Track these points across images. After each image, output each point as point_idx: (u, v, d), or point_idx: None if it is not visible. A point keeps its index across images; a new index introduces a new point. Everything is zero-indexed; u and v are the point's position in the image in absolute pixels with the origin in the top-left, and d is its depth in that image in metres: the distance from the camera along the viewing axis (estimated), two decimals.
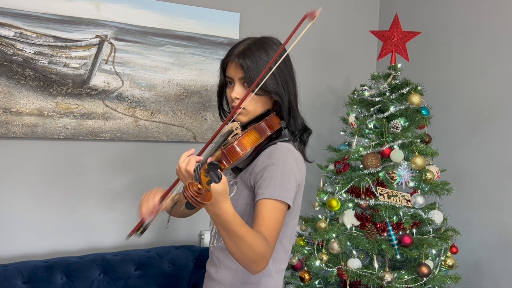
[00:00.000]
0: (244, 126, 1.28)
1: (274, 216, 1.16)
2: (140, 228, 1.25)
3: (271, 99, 1.30)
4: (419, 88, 2.17)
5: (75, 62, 2.18)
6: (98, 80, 2.23)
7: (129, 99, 2.30)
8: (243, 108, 1.26)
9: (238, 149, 1.16)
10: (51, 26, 2.11)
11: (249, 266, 1.10)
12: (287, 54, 1.29)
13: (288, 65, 1.31)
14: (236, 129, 1.25)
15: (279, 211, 1.18)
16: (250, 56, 1.24)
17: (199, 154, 1.21)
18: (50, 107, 2.14)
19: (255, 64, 1.24)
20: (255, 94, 1.24)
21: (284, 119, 1.30)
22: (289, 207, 1.21)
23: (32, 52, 2.09)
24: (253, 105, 1.27)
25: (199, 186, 0.92)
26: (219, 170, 0.95)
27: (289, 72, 1.31)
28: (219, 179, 0.93)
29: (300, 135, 1.33)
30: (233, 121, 1.28)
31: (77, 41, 2.17)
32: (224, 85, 1.34)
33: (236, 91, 1.27)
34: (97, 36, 2.21)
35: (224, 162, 1.14)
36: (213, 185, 0.98)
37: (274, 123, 1.27)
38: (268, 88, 1.24)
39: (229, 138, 1.23)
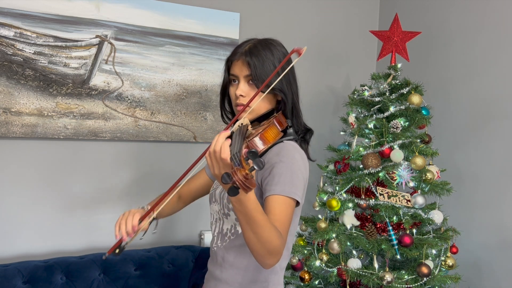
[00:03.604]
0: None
1: (284, 211, 1.18)
2: (118, 248, 1.24)
3: (274, 99, 1.34)
4: (419, 88, 2.17)
5: (75, 62, 2.18)
6: (98, 80, 2.23)
7: (129, 99, 2.30)
8: (248, 106, 1.28)
9: (261, 142, 1.19)
10: (51, 26, 2.11)
11: (263, 258, 1.11)
12: (290, 56, 1.34)
13: (291, 67, 1.33)
14: (247, 125, 1.26)
15: (289, 207, 1.20)
16: (257, 55, 1.27)
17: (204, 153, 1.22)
18: (50, 107, 2.14)
19: (261, 63, 1.27)
20: (262, 91, 1.26)
21: (288, 118, 1.33)
22: (297, 204, 1.23)
23: (32, 52, 2.09)
24: (258, 103, 1.29)
25: (247, 171, 0.91)
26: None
27: (292, 73, 1.34)
28: (263, 165, 0.93)
29: (303, 134, 1.36)
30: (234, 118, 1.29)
31: (77, 41, 2.17)
32: (227, 83, 1.36)
33: (241, 89, 1.29)
34: (97, 36, 2.21)
35: None
36: None
37: (283, 121, 1.31)
38: (274, 86, 1.27)
39: (247, 133, 1.24)
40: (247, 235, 1.08)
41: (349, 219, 2.08)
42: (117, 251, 1.25)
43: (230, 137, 1.46)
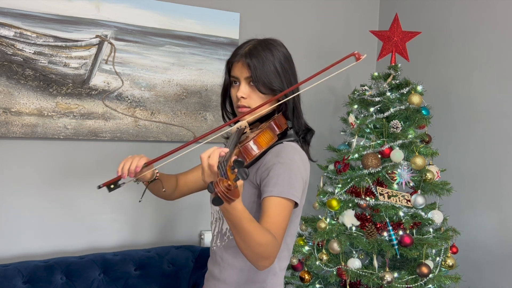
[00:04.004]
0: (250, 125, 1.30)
1: (281, 213, 1.17)
2: (113, 184, 1.28)
3: (275, 100, 1.33)
4: (419, 88, 2.17)
5: (75, 62, 2.18)
6: (98, 80, 2.23)
7: (129, 99, 2.30)
8: (249, 107, 1.28)
9: (254, 147, 1.19)
10: (51, 26, 2.11)
11: (256, 262, 1.11)
12: (290, 55, 1.35)
13: (291, 66, 1.34)
14: (245, 128, 1.27)
15: (286, 208, 1.19)
16: (257, 56, 1.27)
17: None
18: (50, 107, 2.14)
19: (261, 64, 1.27)
20: (261, 92, 1.27)
21: (289, 119, 1.33)
22: (296, 205, 1.23)
23: (32, 52, 2.09)
24: (259, 105, 1.29)
25: (229, 182, 0.92)
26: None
27: (293, 73, 1.34)
28: (247, 175, 0.93)
29: (304, 135, 1.36)
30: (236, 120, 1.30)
31: (77, 41, 2.17)
32: (228, 85, 1.36)
33: (242, 91, 1.29)
34: (97, 36, 2.21)
35: None
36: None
37: (282, 122, 1.31)
38: (274, 87, 1.27)
39: (243, 136, 1.24)
40: (237, 241, 1.09)
41: (349, 219, 2.08)
42: (112, 186, 1.29)
43: (227, 138, 1.46)
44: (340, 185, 2.13)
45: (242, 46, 1.32)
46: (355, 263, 2.02)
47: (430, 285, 1.99)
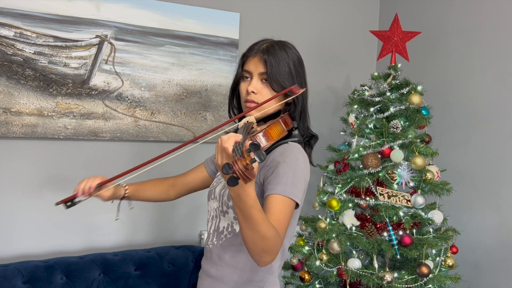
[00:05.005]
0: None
1: (284, 211, 1.18)
2: (70, 201, 1.38)
3: (283, 100, 1.35)
4: (419, 88, 2.17)
5: (75, 62, 2.18)
6: (98, 80, 2.23)
7: (129, 99, 2.30)
8: (257, 103, 1.30)
9: (264, 139, 1.21)
10: (51, 26, 2.12)
11: (259, 256, 1.11)
12: (302, 59, 1.38)
13: (303, 69, 1.37)
14: (253, 123, 1.28)
15: (288, 207, 1.20)
16: (274, 54, 1.30)
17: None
18: (50, 107, 2.14)
19: (277, 62, 1.29)
20: (273, 90, 1.29)
21: (295, 120, 1.35)
22: (297, 206, 1.24)
23: (32, 52, 2.09)
24: (268, 103, 1.30)
25: (247, 161, 0.93)
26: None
27: (304, 77, 1.37)
28: (264, 157, 0.94)
29: (308, 138, 1.38)
30: (241, 116, 1.32)
31: (77, 41, 2.17)
32: (239, 79, 1.37)
33: (254, 85, 1.31)
34: (97, 36, 2.21)
35: None
36: None
37: (289, 122, 1.32)
38: (286, 86, 1.29)
39: (251, 130, 1.25)
40: (244, 231, 1.09)
41: (349, 219, 2.08)
42: (68, 203, 1.39)
43: (235, 132, 1.47)
44: (340, 185, 2.13)
45: (259, 43, 1.35)
46: (355, 263, 2.02)
47: (430, 285, 1.98)
